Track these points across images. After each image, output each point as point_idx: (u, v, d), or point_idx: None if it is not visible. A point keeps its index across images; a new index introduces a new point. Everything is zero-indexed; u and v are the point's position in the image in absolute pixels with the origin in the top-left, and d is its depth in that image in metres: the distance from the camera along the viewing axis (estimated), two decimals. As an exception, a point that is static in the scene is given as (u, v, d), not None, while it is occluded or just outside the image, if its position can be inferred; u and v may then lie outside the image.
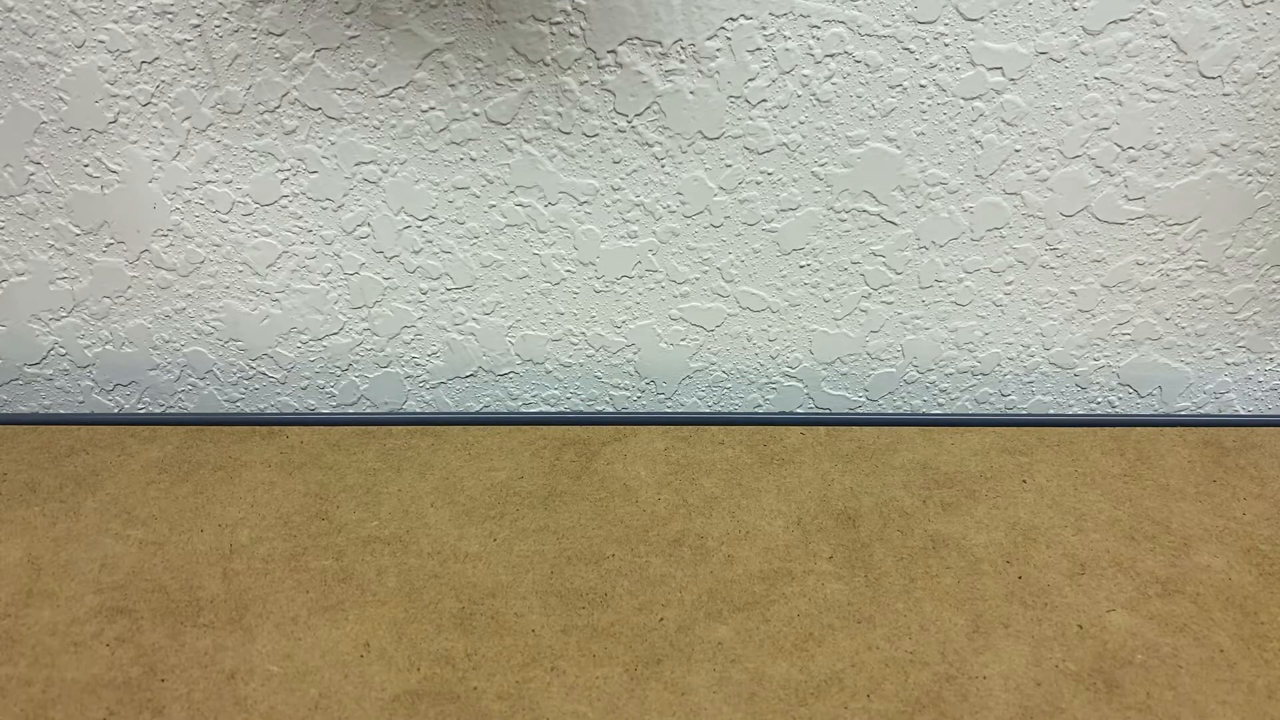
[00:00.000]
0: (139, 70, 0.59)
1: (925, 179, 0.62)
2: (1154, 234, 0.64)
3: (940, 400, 0.72)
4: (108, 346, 0.70)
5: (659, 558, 0.57)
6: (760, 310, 0.68)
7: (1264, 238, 0.64)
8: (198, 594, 0.54)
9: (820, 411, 0.72)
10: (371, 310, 0.68)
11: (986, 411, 0.72)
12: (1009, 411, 0.72)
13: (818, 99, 0.59)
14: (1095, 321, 0.68)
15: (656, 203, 0.63)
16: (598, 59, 0.58)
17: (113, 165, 0.62)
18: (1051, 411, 0.72)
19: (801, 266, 0.66)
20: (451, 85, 0.59)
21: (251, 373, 0.71)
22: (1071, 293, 0.66)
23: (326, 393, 0.72)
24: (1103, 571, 0.55)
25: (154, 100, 0.60)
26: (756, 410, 0.73)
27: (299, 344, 0.70)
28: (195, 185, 0.63)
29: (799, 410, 0.72)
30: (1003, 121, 0.59)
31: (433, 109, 0.60)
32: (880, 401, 0.72)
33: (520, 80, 0.59)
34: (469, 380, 0.72)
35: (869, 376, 0.71)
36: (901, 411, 0.72)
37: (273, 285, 0.67)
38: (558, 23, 0.57)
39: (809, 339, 0.69)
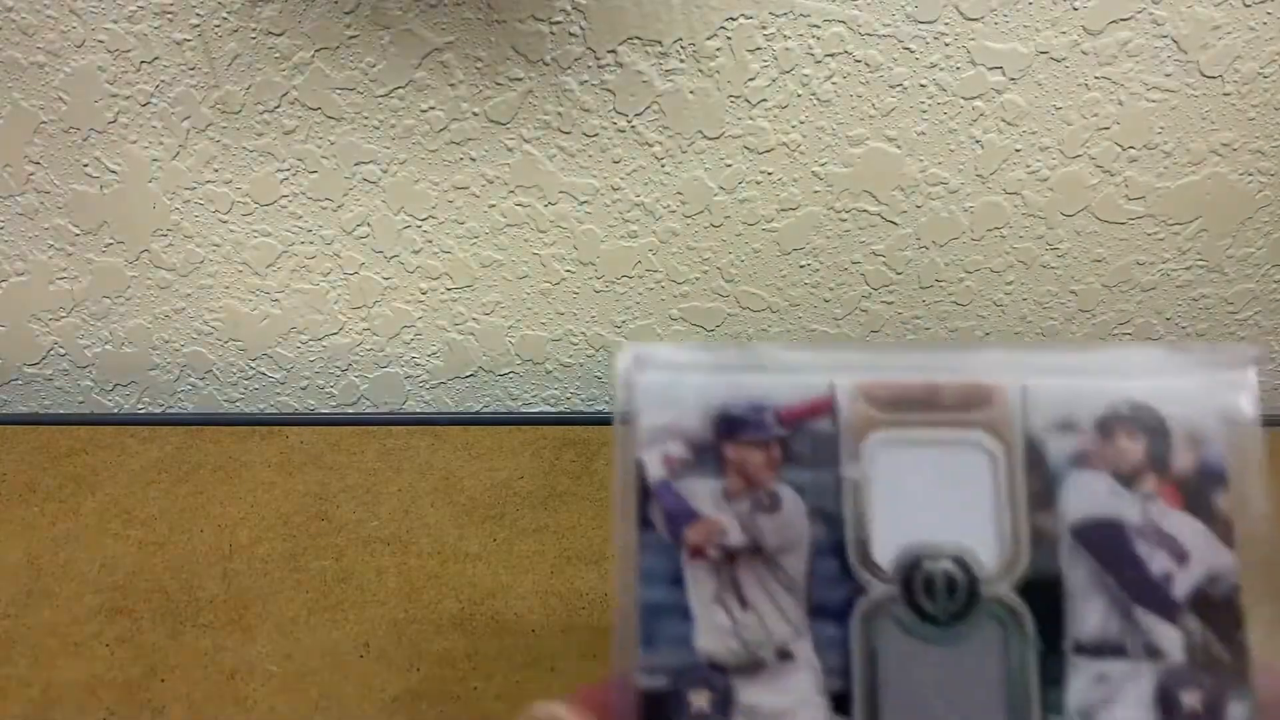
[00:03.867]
0: (139, 70, 0.59)
1: (925, 179, 0.62)
2: (1154, 234, 0.64)
3: (940, 400, 0.72)
4: (108, 346, 0.70)
5: (659, 558, 0.56)
6: (760, 310, 0.68)
7: (1264, 238, 0.64)
8: (198, 594, 0.54)
9: (820, 411, 0.72)
10: (371, 310, 0.68)
11: (987, 411, 0.72)
12: (1009, 411, 0.72)
13: (818, 99, 0.59)
14: (1096, 321, 0.68)
15: (656, 202, 0.63)
16: (598, 59, 0.58)
17: (112, 165, 0.62)
18: (1052, 411, 0.72)
19: (801, 266, 0.66)
20: (451, 85, 0.59)
21: (251, 373, 0.71)
22: (1072, 293, 0.66)
23: (326, 393, 0.72)
24: (1103, 571, 0.55)
25: (153, 100, 0.60)
26: (756, 410, 0.73)
27: (299, 344, 0.70)
28: (195, 185, 0.63)
29: (799, 410, 0.72)
30: (1003, 121, 0.59)
31: (432, 109, 0.60)
32: (880, 401, 0.72)
33: (520, 80, 0.59)
34: (469, 380, 0.72)
35: (869, 376, 0.71)
36: (902, 411, 0.72)
37: (272, 285, 0.67)
38: (558, 22, 0.57)
39: (809, 339, 0.69)
